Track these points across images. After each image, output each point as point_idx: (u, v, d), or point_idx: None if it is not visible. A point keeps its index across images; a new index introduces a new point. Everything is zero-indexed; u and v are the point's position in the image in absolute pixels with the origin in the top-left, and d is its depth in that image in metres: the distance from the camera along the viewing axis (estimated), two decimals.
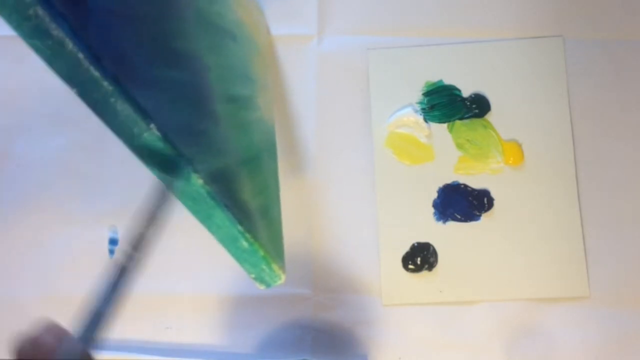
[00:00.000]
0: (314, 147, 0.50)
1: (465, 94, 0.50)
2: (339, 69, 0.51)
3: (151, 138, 0.24)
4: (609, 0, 0.51)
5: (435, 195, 0.49)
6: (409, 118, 0.50)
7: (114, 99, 0.23)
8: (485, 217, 0.48)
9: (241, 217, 0.27)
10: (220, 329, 0.48)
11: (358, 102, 0.51)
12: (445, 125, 0.50)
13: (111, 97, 0.23)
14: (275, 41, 0.51)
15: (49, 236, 0.49)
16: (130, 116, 0.24)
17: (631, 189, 0.49)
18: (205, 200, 0.26)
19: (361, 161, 0.50)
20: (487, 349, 0.47)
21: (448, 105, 0.50)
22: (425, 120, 0.50)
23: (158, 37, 0.27)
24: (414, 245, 0.48)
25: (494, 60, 0.50)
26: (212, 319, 0.48)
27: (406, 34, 0.51)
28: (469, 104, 0.50)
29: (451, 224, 0.49)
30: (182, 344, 0.48)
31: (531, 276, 0.48)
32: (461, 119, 0.50)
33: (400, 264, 0.48)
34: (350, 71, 0.51)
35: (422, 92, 0.50)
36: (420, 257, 0.48)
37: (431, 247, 0.48)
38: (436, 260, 0.48)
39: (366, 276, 0.48)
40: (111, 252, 0.49)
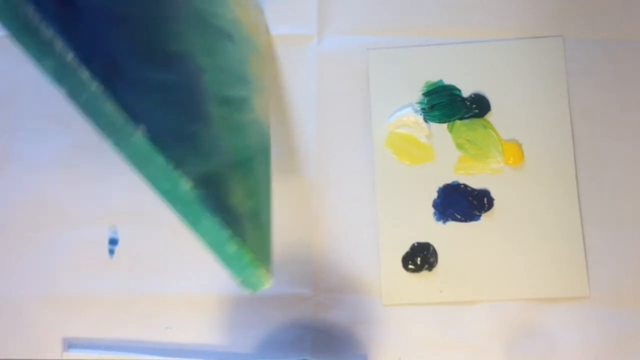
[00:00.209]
0: (314, 147, 0.50)
1: (465, 94, 0.50)
2: (339, 69, 0.51)
3: (140, 140, 0.24)
4: (609, 0, 0.51)
5: (435, 195, 0.49)
6: (409, 118, 0.50)
7: (103, 100, 0.23)
8: (485, 217, 0.49)
9: (229, 222, 0.27)
10: (220, 329, 0.48)
11: (358, 102, 0.51)
12: (445, 125, 0.50)
13: (99, 99, 0.23)
14: (275, 41, 0.51)
15: (49, 236, 0.49)
16: (119, 118, 0.23)
17: (631, 189, 0.49)
18: (193, 204, 0.26)
19: (361, 161, 0.50)
20: (487, 349, 0.47)
21: (448, 105, 0.50)
22: (425, 120, 0.50)
23: (150, 38, 0.27)
24: (414, 245, 0.48)
25: (494, 60, 0.50)
26: (212, 319, 0.48)
27: (406, 34, 0.51)
28: (469, 104, 0.50)
29: (451, 224, 0.49)
30: (182, 344, 0.48)
31: (531, 276, 0.48)
32: (461, 119, 0.50)
33: (400, 264, 0.48)
34: (350, 71, 0.51)
35: (422, 92, 0.50)
36: (420, 257, 0.48)
37: (431, 247, 0.48)
38: (436, 260, 0.48)
39: (366, 276, 0.48)
40: (111, 252, 0.49)
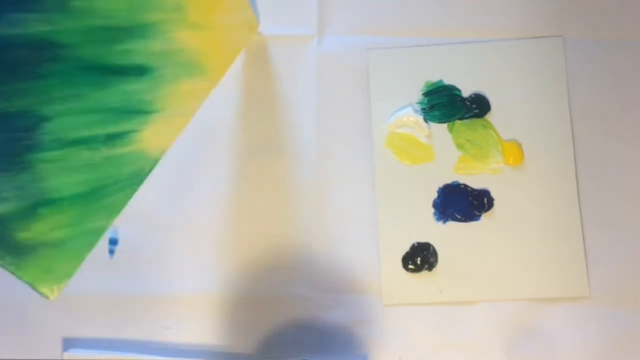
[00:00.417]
0: (314, 147, 0.50)
1: (465, 94, 0.50)
2: (339, 69, 0.51)
3: None
4: (609, 0, 0.51)
5: (435, 195, 0.49)
6: (409, 118, 0.50)
7: None
8: (485, 217, 0.48)
9: (4, 254, 0.33)
10: (220, 329, 0.48)
11: (358, 102, 0.51)
12: (445, 125, 0.50)
13: None
14: (275, 41, 0.51)
15: None
16: None
17: (631, 189, 0.49)
18: None
19: (361, 161, 0.50)
20: (487, 349, 0.47)
21: (448, 105, 0.50)
22: (425, 120, 0.50)
23: None
24: (414, 245, 0.48)
25: (494, 60, 0.50)
26: (212, 319, 0.48)
27: (406, 34, 0.51)
28: (469, 104, 0.50)
29: (451, 224, 0.49)
30: (182, 344, 0.48)
31: (531, 276, 0.48)
32: (461, 119, 0.50)
33: (400, 264, 0.48)
34: (350, 71, 0.51)
35: (422, 92, 0.50)
36: (420, 257, 0.48)
37: (431, 247, 0.48)
38: (436, 260, 0.48)
39: (366, 276, 0.48)
40: (111, 252, 0.49)
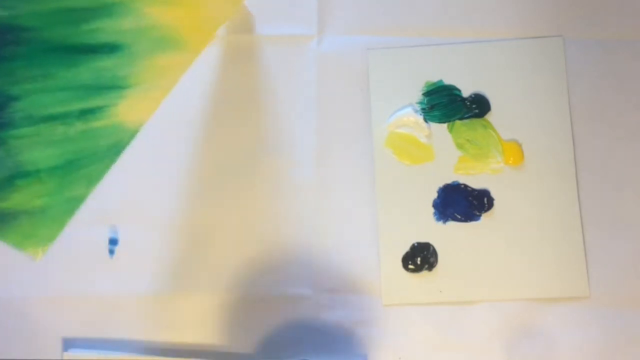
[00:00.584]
0: (313, 147, 0.50)
1: (465, 94, 0.50)
2: (339, 69, 0.51)
3: None
4: (609, 0, 0.51)
5: (435, 195, 0.49)
6: (409, 118, 0.50)
7: None
8: (485, 217, 0.48)
9: None
10: (220, 329, 0.48)
11: (358, 102, 0.50)
12: (445, 125, 0.50)
13: None
14: (275, 41, 0.51)
15: None
16: None
17: (631, 189, 0.49)
18: None
19: (361, 161, 0.50)
20: (487, 349, 0.47)
21: (448, 105, 0.50)
22: (425, 120, 0.50)
23: None
24: (414, 245, 0.48)
25: (494, 60, 0.50)
26: (212, 319, 0.48)
27: (406, 34, 0.51)
28: (469, 104, 0.50)
29: (451, 224, 0.49)
30: (182, 344, 0.48)
31: (531, 276, 0.48)
32: (461, 119, 0.50)
33: (400, 264, 0.48)
34: (350, 71, 0.51)
35: (422, 92, 0.50)
36: (420, 257, 0.48)
37: (431, 247, 0.48)
38: (436, 260, 0.48)
39: (366, 276, 0.48)
40: (111, 252, 0.49)
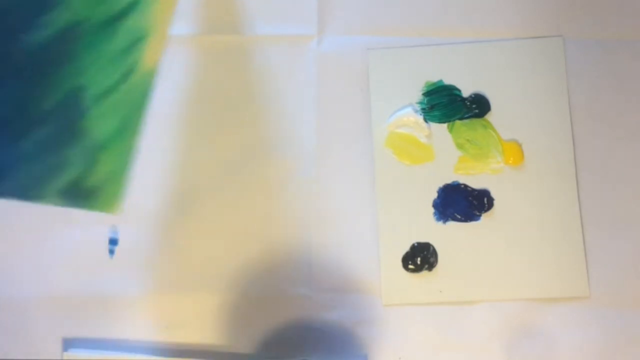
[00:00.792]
0: (313, 147, 0.50)
1: (465, 94, 0.50)
2: (339, 69, 0.51)
3: None
4: (609, 0, 0.51)
5: (435, 195, 0.49)
6: (409, 118, 0.50)
7: None
8: (485, 217, 0.48)
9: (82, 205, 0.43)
10: (220, 329, 0.48)
11: (358, 102, 0.51)
12: (445, 125, 0.50)
13: None
14: (275, 41, 0.51)
15: (49, 236, 0.49)
16: None
17: (631, 189, 0.49)
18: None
19: (361, 161, 0.50)
20: (487, 349, 0.47)
21: (448, 105, 0.50)
22: (425, 120, 0.50)
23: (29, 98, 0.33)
24: (414, 245, 0.48)
25: (494, 60, 0.50)
26: (212, 318, 0.48)
27: (406, 34, 0.51)
28: (469, 104, 0.50)
29: (451, 224, 0.49)
30: (182, 344, 0.48)
31: (531, 276, 0.48)
32: (461, 119, 0.50)
33: (400, 264, 0.48)
34: (350, 71, 0.51)
35: (422, 92, 0.50)
36: (420, 257, 0.48)
37: (431, 247, 0.48)
38: (436, 260, 0.48)
39: (366, 276, 0.48)
40: (111, 252, 0.49)
